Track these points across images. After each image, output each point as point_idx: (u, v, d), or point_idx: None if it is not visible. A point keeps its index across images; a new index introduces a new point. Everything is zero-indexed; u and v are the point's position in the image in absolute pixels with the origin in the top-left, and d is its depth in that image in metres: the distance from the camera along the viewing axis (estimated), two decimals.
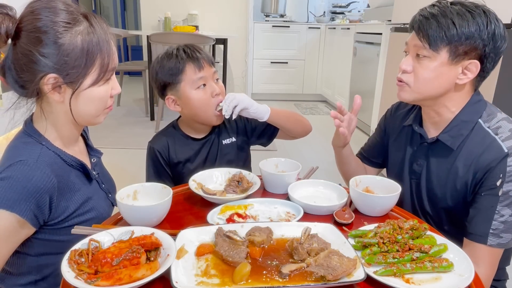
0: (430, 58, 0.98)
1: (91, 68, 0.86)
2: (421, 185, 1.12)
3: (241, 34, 5.14)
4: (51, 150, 0.90)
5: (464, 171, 1.01)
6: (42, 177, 0.83)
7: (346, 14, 5.34)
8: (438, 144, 1.07)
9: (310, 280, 0.69)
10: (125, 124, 4.01)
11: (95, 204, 0.98)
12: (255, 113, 1.22)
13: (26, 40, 0.82)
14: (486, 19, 0.94)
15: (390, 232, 0.80)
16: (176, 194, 1.05)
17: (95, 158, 1.06)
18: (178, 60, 1.21)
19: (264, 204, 1.01)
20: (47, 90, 0.85)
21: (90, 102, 0.90)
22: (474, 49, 0.95)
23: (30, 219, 0.83)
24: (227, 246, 0.76)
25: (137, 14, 6.59)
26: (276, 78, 5.39)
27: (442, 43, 0.95)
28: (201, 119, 1.27)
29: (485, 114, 1.02)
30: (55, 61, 0.83)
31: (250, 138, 1.38)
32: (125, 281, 0.65)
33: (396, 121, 1.23)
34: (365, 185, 1.05)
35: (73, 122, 0.93)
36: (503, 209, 0.94)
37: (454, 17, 0.94)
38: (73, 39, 0.84)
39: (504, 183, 0.94)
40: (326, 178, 1.13)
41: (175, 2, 5.01)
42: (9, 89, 0.90)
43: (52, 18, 0.82)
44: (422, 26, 0.97)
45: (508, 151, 0.94)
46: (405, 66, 1.02)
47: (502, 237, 0.95)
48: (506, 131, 0.97)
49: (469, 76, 0.98)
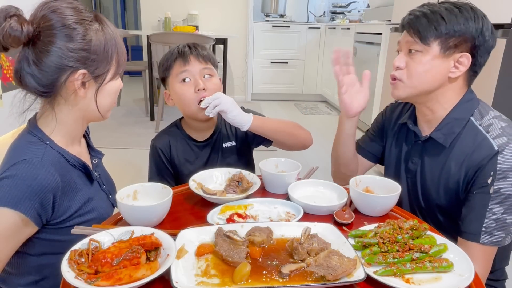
0: (422, 52, 1.00)
1: (111, 63, 0.91)
2: (416, 183, 1.13)
3: (241, 34, 5.14)
4: (55, 150, 0.90)
5: (456, 169, 1.02)
6: (46, 175, 0.84)
7: (346, 14, 5.34)
8: (431, 142, 1.08)
9: (310, 280, 0.69)
10: (125, 124, 4.01)
11: (96, 204, 0.98)
12: (233, 120, 1.17)
13: (54, 38, 0.84)
14: (473, 14, 0.97)
15: (390, 232, 0.80)
16: (176, 194, 1.05)
17: (96, 159, 1.06)
18: (169, 55, 1.26)
19: (264, 204, 1.01)
20: (76, 86, 0.88)
21: (108, 96, 0.94)
22: (464, 41, 0.98)
23: (34, 218, 0.83)
24: (227, 246, 0.76)
25: (137, 14, 6.59)
26: (276, 78, 5.39)
27: (432, 36, 0.98)
28: (187, 114, 1.28)
29: (477, 112, 1.03)
30: (84, 56, 0.86)
31: (251, 142, 1.37)
32: (125, 281, 0.65)
33: (393, 119, 1.24)
34: (365, 185, 1.05)
35: (83, 119, 0.96)
36: (495, 207, 0.95)
37: (442, 12, 0.98)
38: (97, 35, 0.88)
39: (495, 181, 0.95)
40: (326, 178, 1.13)
41: (175, 2, 5.01)
42: (9, 89, 0.89)
43: (78, 15, 0.86)
44: (413, 23, 1.01)
45: (498, 148, 0.95)
46: (399, 63, 1.04)
47: (494, 235, 0.95)
48: (497, 128, 0.98)
49: (461, 69, 1.00)
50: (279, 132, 1.26)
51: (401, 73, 1.04)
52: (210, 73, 1.25)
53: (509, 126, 0.99)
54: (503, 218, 0.95)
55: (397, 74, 1.05)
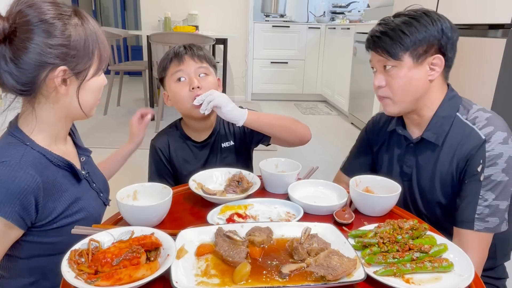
0: (397, 67, 1.04)
1: (93, 59, 0.89)
2: (413, 185, 1.14)
3: (241, 34, 5.13)
4: (36, 150, 0.87)
5: (449, 164, 1.06)
6: (25, 177, 0.80)
7: (346, 14, 5.34)
8: (423, 143, 1.11)
9: (310, 280, 0.69)
10: (125, 124, 3.99)
11: (84, 204, 0.95)
12: (227, 114, 1.16)
13: (31, 34, 0.80)
14: (429, 19, 1.02)
15: (390, 232, 0.80)
16: (176, 194, 1.05)
17: (84, 157, 1.03)
18: (165, 57, 1.28)
19: (264, 204, 1.01)
20: (57, 84, 0.85)
21: (91, 93, 0.92)
22: (431, 45, 1.02)
23: (16, 221, 0.81)
24: (227, 246, 0.76)
25: (137, 14, 6.59)
26: (276, 78, 5.38)
27: (401, 51, 1.02)
28: (183, 112, 1.28)
29: (461, 108, 1.07)
30: (64, 52, 0.83)
31: (249, 142, 1.37)
32: (125, 281, 0.65)
33: (381, 130, 1.25)
34: (365, 185, 1.05)
35: (66, 118, 0.93)
36: (486, 193, 0.98)
37: (401, 27, 1.02)
38: (76, 30, 0.85)
39: (484, 168, 0.98)
40: (326, 178, 1.13)
41: (175, 2, 5.01)
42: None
43: (56, 10, 0.83)
44: (378, 44, 1.05)
45: (486, 137, 0.99)
46: (379, 82, 1.07)
47: (488, 221, 0.98)
48: (483, 120, 1.02)
49: (438, 70, 1.04)
50: (276, 126, 1.24)
51: (385, 91, 1.07)
52: (205, 72, 1.25)
53: (494, 116, 1.03)
54: (495, 204, 0.98)
55: (382, 93, 1.09)
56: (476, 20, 1.83)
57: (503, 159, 0.97)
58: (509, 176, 0.98)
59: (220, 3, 5.10)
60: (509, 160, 0.97)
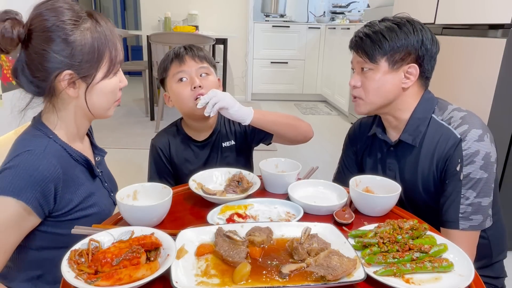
0: (373, 70, 1.07)
1: (102, 62, 0.91)
2: None
3: (241, 34, 5.13)
4: (58, 144, 0.92)
5: (429, 165, 1.07)
6: (48, 166, 0.85)
7: (346, 14, 5.34)
8: (402, 145, 1.13)
9: (310, 280, 0.69)
10: (125, 124, 4.01)
11: (97, 200, 0.99)
12: (235, 115, 1.16)
13: (39, 40, 0.86)
14: (412, 28, 1.05)
15: (390, 232, 0.80)
16: (176, 194, 1.05)
17: (99, 157, 1.08)
18: (165, 58, 1.28)
19: (264, 204, 1.01)
20: (63, 86, 0.89)
21: (102, 95, 0.94)
22: (409, 54, 1.05)
23: (35, 207, 0.84)
24: (227, 246, 0.76)
25: (137, 14, 6.59)
26: (276, 78, 5.38)
27: (378, 55, 1.05)
28: (185, 112, 1.28)
29: (437, 109, 1.09)
30: (68, 57, 0.87)
31: (250, 141, 1.37)
32: (125, 281, 0.65)
33: (363, 136, 1.27)
34: (365, 185, 1.05)
35: (84, 117, 0.97)
36: (467, 192, 1.00)
37: (383, 31, 1.05)
38: (83, 35, 0.88)
39: (463, 167, 1.00)
40: (326, 178, 1.13)
41: (175, 2, 5.01)
42: (9, 89, 0.91)
43: (59, 17, 0.86)
44: (359, 45, 1.08)
45: (461, 136, 1.01)
46: (354, 82, 1.12)
47: (472, 219, 0.99)
48: (458, 119, 1.04)
49: (412, 79, 1.07)
50: (280, 124, 1.25)
51: (359, 92, 1.11)
52: (206, 72, 1.26)
53: (469, 115, 1.05)
54: (477, 201, 0.99)
55: (356, 93, 1.12)
56: (476, 20, 1.83)
57: (480, 157, 0.98)
58: (488, 173, 0.99)
59: (220, 3, 5.10)
60: (486, 157, 0.98)
